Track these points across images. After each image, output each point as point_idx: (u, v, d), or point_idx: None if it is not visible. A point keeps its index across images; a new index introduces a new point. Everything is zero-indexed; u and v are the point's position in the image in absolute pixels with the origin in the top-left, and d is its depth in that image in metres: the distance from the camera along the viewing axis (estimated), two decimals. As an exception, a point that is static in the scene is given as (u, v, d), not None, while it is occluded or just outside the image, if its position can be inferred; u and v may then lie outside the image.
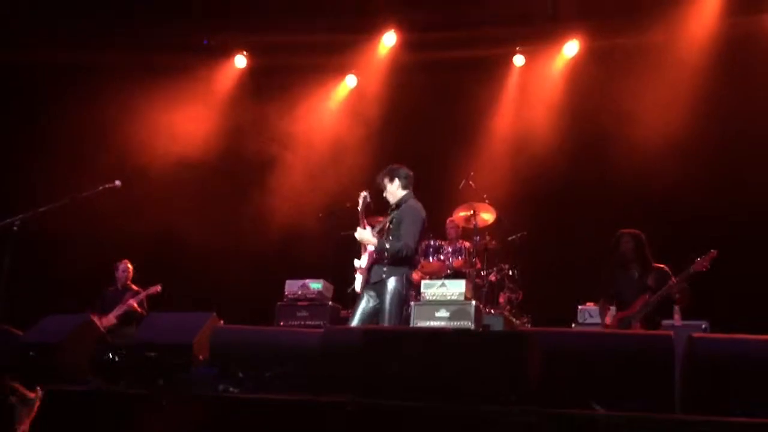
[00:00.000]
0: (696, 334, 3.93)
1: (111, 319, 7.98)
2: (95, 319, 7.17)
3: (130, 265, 8.51)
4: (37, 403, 2.93)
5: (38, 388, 3.07)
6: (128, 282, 8.47)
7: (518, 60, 9.38)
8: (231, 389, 4.46)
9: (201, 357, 4.87)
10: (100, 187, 6.35)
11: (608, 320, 6.21)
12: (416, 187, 8.99)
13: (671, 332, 4.09)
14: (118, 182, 6.41)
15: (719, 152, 8.06)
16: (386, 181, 6.07)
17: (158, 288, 8.28)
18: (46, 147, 8.87)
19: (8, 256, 5.73)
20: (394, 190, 6.08)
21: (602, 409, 3.55)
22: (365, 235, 5.98)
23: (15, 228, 5.86)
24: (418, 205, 6.07)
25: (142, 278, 8.49)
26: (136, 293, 8.33)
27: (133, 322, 7.90)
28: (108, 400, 4.43)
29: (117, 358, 4.92)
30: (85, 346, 5.21)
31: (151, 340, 5.05)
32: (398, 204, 6.07)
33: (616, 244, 6.39)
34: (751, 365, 3.81)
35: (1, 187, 8.49)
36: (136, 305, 8.18)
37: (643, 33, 8.40)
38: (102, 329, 5.60)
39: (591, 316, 7.10)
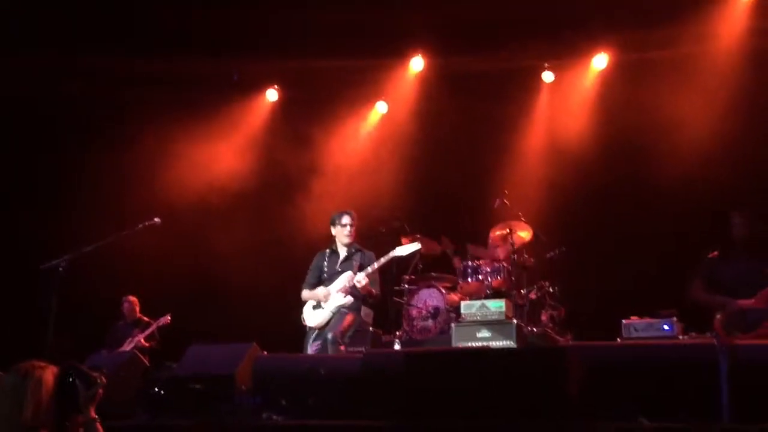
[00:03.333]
0: (740, 342, 3.85)
1: None
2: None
3: (134, 299, 8.74)
4: (101, 389, 3.04)
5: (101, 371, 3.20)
6: (137, 315, 8.69)
7: (547, 76, 9.38)
8: (274, 417, 4.50)
9: (244, 387, 4.92)
10: (140, 225, 6.48)
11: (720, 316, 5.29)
12: (451, 208, 9.04)
13: (714, 340, 4.00)
14: (157, 219, 6.54)
15: (759, 155, 7.89)
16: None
17: (168, 318, 8.47)
18: (86, 188, 9.10)
19: (55, 295, 5.87)
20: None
21: (648, 421, 3.49)
22: None
23: (61, 269, 6.01)
24: None
25: (181, 311, 8.61)
26: (147, 325, 8.50)
27: (146, 356, 7.94)
28: (155, 432, 4.50)
29: (162, 392, 4.98)
30: (132, 380, 5.30)
31: (195, 372, 5.11)
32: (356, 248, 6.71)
33: (726, 227, 5.64)
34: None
35: (47, 228, 8.71)
36: (143, 341, 8.34)
37: (672, 43, 8.33)
38: (147, 364, 5.69)
39: (636, 330, 6.93)
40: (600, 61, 9.09)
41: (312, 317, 6.45)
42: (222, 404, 4.73)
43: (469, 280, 7.93)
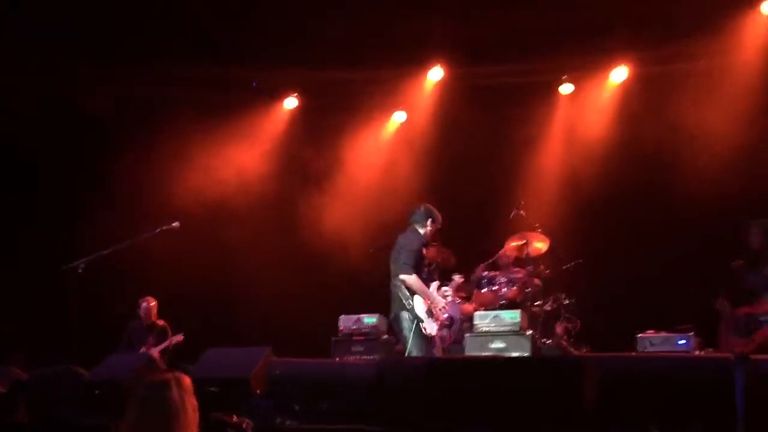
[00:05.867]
0: (756, 356, 3.83)
1: None
2: None
3: (152, 302, 8.50)
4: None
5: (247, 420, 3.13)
6: (152, 319, 8.45)
7: (566, 88, 9.38)
8: (288, 422, 4.52)
9: (258, 390, 4.95)
10: (159, 229, 6.54)
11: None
12: (468, 218, 9.05)
13: (731, 354, 3.98)
14: (176, 224, 6.60)
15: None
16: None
17: (180, 338, 8.24)
18: (105, 191, 9.19)
19: (75, 297, 5.95)
20: None
21: (661, 433, 3.48)
22: None
23: (80, 270, 6.09)
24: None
25: (197, 315, 8.64)
26: (162, 330, 8.33)
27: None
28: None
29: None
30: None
31: (211, 374, 5.15)
32: None
33: (744, 238, 5.91)
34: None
35: (67, 231, 8.81)
36: (158, 355, 7.92)
37: (693, 56, 8.30)
38: (164, 366, 5.74)
39: (651, 344, 6.89)
40: (619, 74, 9.08)
41: (430, 327, 6.05)
42: (236, 407, 4.75)
43: (484, 290, 7.93)
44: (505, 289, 7.83)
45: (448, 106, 9.47)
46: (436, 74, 9.54)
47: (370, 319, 8.03)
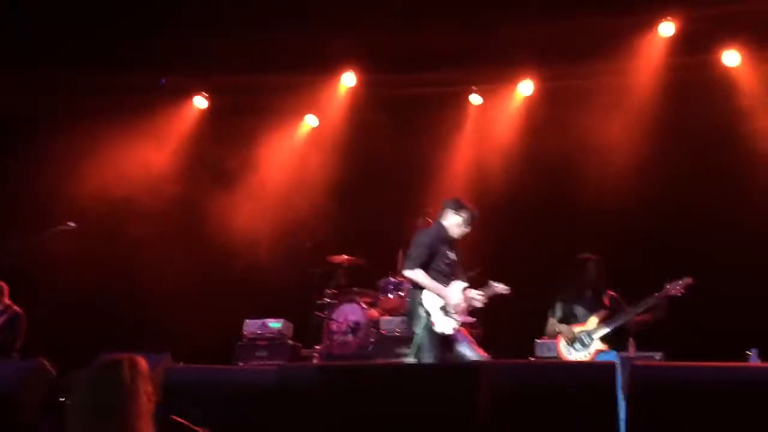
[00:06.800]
0: (638, 363, 4.02)
1: None
2: None
3: (1, 284, 7.46)
4: None
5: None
6: (5, 303, 7.36)
7: (475, 99, 9.60)
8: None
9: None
10: (54, 229, 6.32)
11: (559, 342, 6.12)
12: (376, 223, 9.13)
13: (614, 361, 4.17)
14: (72, 223, 6.39)
15: (672, 181, 8.28)
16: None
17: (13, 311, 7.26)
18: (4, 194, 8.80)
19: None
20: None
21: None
22: None
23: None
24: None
25: (97, 317, 8.35)
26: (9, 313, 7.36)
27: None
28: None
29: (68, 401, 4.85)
30: (37, 391, 5.15)
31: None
32: None
33: (581, 268, 6.27)
34: (694, 392, 3.90)
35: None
36: None
37: (594, 74, 8.66)
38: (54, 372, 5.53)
39: (549, 349, 7.18)
40: (526, 88, 9.36)
41: (443, 324, 5.64)
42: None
43: (390, 295, 8.01)
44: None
45: (361, 111, 9.55)
46: (349, 80, 9.59)
47: (275, 324, 8.01)
